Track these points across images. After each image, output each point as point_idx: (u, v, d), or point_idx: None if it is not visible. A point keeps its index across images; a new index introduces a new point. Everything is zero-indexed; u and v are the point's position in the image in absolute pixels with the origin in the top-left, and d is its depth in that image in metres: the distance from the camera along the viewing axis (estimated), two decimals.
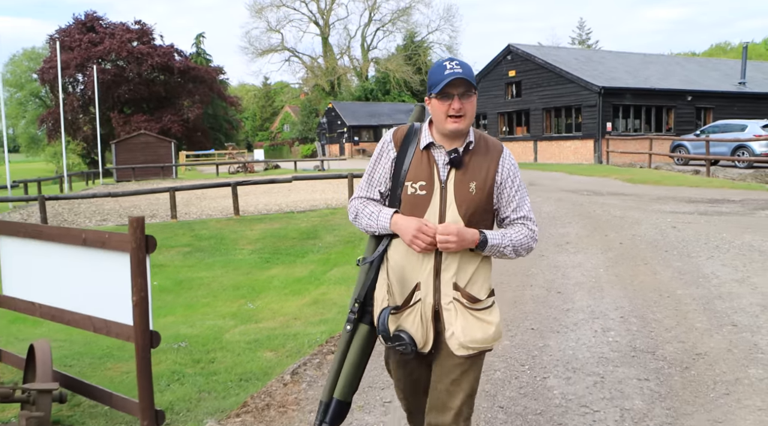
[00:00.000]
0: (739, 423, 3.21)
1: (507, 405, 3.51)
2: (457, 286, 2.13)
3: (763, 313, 4.90)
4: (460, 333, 2.12)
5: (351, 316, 2.24)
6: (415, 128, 2.23)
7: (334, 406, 2.26)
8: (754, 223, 9.14)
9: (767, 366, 3.89)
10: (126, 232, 3.38)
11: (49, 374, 3.56)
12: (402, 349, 2.13)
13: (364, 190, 2.27)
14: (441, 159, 2.15)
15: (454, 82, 2.06)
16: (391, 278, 2.19)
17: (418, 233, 2.04)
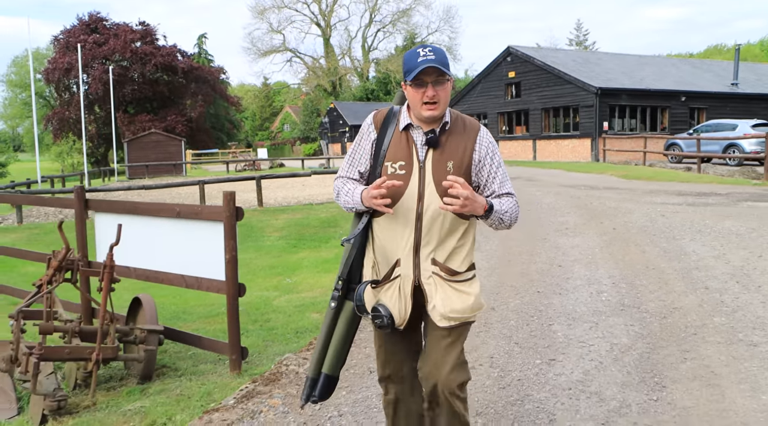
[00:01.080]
0: (702, 352, 4.12)
1: (521, 342, 4.42)
2: (436, 261, 2.21)
3: (731, 279, 5.82)
4: (440, 304, 2.20)
5: (335, 294, 2.34)
6: (394, 111, 2.32)
7: (322, 380, 2.38)
8: (735, 212, 10.07)
9: (729, 315, 4.81)
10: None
11: (155, 319, 4.46)
12: (379, 322, 2.22)
13: (345, 171, 2.39)
14: (419, 139, 2.24)
15: (427, 69, 2.12)
16: (377, 256, 2.29)
17: (372, 198, 2.14)
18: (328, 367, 2.36)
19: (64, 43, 52.83)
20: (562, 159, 28.16)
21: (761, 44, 78.80)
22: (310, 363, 2.46)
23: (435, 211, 2.17)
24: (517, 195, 2.36)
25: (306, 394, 2.41)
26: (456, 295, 2.21)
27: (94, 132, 53.31)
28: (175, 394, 4.07)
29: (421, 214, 2.18)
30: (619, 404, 3.43)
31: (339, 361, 2.37)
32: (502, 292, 5.77)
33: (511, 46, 30.96)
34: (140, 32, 52.64)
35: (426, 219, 2.18)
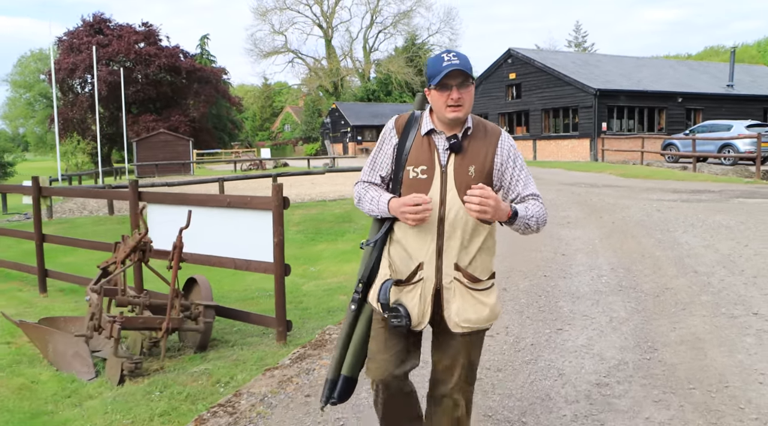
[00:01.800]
0: (689, 323, 4.74)
1: (532, 316, 5.05)
2: (458, 266, 2.21)
3: (718, 265, 6.44)
4: (454, 313, 2.22)
5: (355, 296, 2.38)
6: (416, 116, 2.32)
7: (341, 382, 2.40)
8: (726, 207, 10.71)
9: (714, 294, 5.44)
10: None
11: (210, 296, 5.07)
12: (397, 322, 2.21)
13: (367, 175, 2.39)
14: (441, 144, 2.24)
15: (452, 73, 2.15)
16: (393, 257, 2.29)
17: (405, 207, 2.15)
18: (348, 368, 2.39)
19: (68, 45, 53.34)
20: (561, 158, 28.79)
21: (758, 45, 79.47)
22: (329, 365, 2.48)
23: (457, 216, 2.19)
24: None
25: (325, 395, 2.44)
26: (473, 304, 2.23)
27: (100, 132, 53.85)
28: (231, 359, 4.70)
29: (443, 219, 2.19)
30: (617, 362, 4.05)
31: (358, 363, 2.40)
32: (512, 276, 6.39)
33: (511, 49, 31.61)
34: (143, 33, 53.17)
35: (448, 223, 2.19)
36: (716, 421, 3.25)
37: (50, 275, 7.18)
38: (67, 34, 54.98)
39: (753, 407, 3.38)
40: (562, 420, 3.31)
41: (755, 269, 6.19)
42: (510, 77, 31.69)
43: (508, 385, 3.78)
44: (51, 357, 4.90)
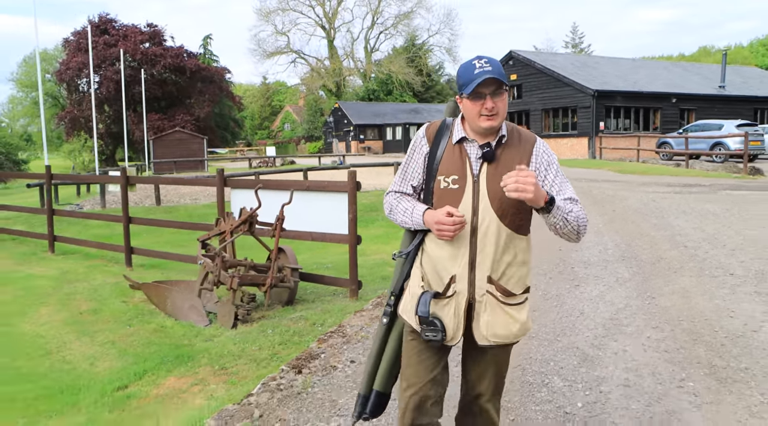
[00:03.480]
0: (679, 281, 5.99)
1: (554, 277, 6.29)
2: (492, 279, 2.14)
3: (704, 242, 7.71)
4: (484, 326, 2.16)
5: (387, 310, 2.32)
6: (447, 123, 2.25)
7: (374, 397, 2.37)
8: (714, 198, 12.00)
9: (700, 262, 6.70)
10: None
11: (296, 261, 6.28)
12: (433, 336, 2.14)
13: (398, 185, 2.31)
14: (473, 153, 2.16)
15: (486, 81, 2.06)
16: (425, 268, 2.22)
17: (438, 224, 2.09)
18: (380, 384, 2.36)
19: (75, 45, 54.25)
20: (561, 156, 30.07)
21: (750, 46, 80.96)
22: (361, 380, 2.45)
23: (490, 227, 2.12)
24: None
25: (357, 411, 2.41)
26: (503, 320, 2.16)
27: (104, 130, 54.75)
28: (317, 310, 5.92)
29: (476, 229, 2.12)
30: (624, 306, 5.30)
31: (391, 378, 2.36)
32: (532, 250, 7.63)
33: (513, 51, 32.89)
34: (149, 33, 54.17)
35: (480, 234, 2.12)
36: (696, 338, 4.50)
37: (135, 252, 8.38)
38: (74, 34, 55.84)
39: (723, 330, 4.63)
40: (585, 337, 4.56)
41: (734, 244, 7.46)
42: (511, 78, 32.95)
43: (542, 319, 5.03)
44: (169, 310, 6.11)
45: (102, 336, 5.57)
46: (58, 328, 5.86)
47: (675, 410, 3.45)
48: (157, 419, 3.82)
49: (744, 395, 3.60)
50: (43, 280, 7.81)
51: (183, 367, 4.71)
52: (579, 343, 4.50)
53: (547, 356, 4.28)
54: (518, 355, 4.28)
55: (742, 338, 4.47)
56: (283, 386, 3.84)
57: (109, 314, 6.25)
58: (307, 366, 4.15)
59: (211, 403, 3.92)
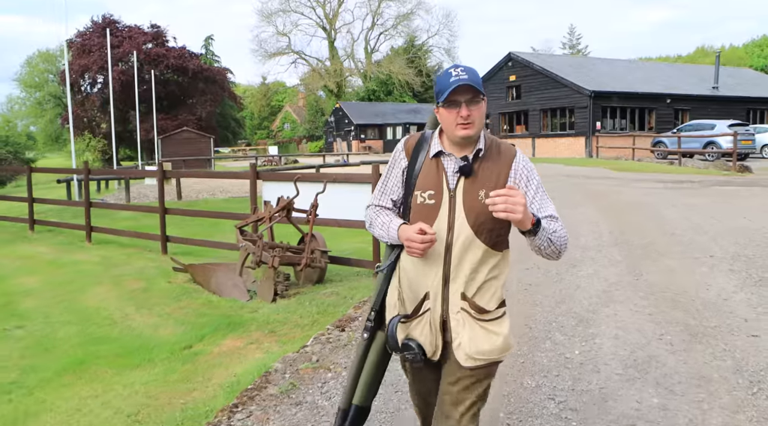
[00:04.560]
0: (666, 261, 6.78)
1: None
2: (465, 296, 2.11)
3: (690, 229, 8.50)
4: (467, 344, 2.11)
5: (368, 325, 2.29)
6: (426, 136, 2.23)
7: (353, 412, 2.35)
8: (702, 192, 12.81)
9: (685, 246, 7.49)
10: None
11: (325, 245, 7.06)
12: (411, 357, 2.14)
13: (377, 199, 2.29)
14: (450, 167, 2.13)
15: (460, 88, 2.04)
16: (402, 285, 2.20)
17: (408, 242, 2.07)
18: (359, 398, 2.35)
19: (79, 46, 54.88)
20: (558, 155, 30.90)
21: (745, 48, 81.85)
22: (341, 394, 2.44)
23: (465, 243, 2.09)
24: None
25: (338, 425, 2.41)
26: (484, 335, 2.12)
27: (108, 130, 55.37)
28: (346, 287, 6.71)
29: (450, 246, 2.09)
30: (616, 281, 6.09)
31: (370, 392, 2.36)
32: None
33: (512, 52, 33.71)
34: (152, 34, 54.84)
35: (456, 250, 2.09)
36: (676, 304, 5.29)
37: (170, 240, 9.14)
38: (77, 35, 56.44)
39: (699, 299, 5.42)
40: (581, 305, 5.35)
41: (716, 232, 8.26)
42: (510, 79, 33.80)
43: (544, 292, 5.82)
44: (213, 287, 6.88)
45: (158, 309, 6.34)
46: (116, 303, 6.64)
47: (654, 355, 4.24)
48: (226, 367, 4.60)
49: (710, 345, 4.39)
50: (90, 265, 8.58)
51: (236, 331, 5.48)
52: (576, 308, 5.29)
53: (550, 319, 5.07)
54: (525, 317, 5.08)
55: (715, 305, 5.26)
56: (331, 340, 4.62)
57: (159, 292, 7.03)
58: (348, 325, 4.93)
59: (268, 356, 4.70)
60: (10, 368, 4.92)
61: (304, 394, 3.80)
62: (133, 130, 51.69)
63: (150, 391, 4.27)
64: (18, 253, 9.71)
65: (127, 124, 50.43)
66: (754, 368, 3.98)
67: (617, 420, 3.37)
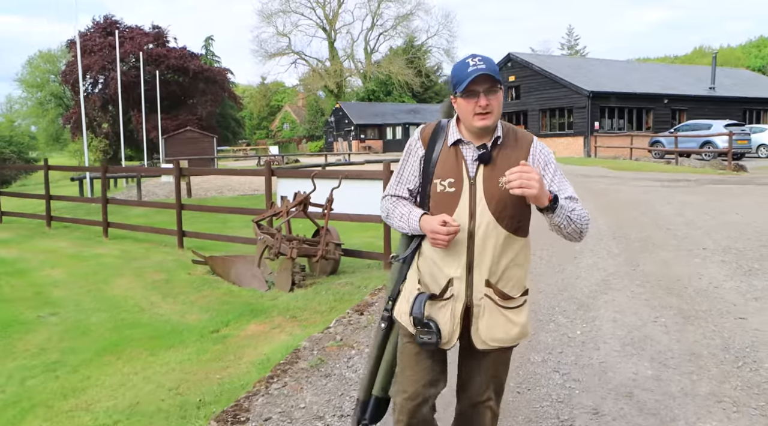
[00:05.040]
0: (660, 253, 7.17)
1: (556, 252, 7.47)
2: (489, 282, 2.13)
3: (684, 225, 8.89)
4: (484, 329, 2.15)
5: (385, 314, 2.31)
6: (442, 125, 2.24)
7: (373, 403, 2.38)
8: (697, 190, 13.21)
9: (679, 240, 7.88)
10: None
11: (339, 238, 7.43)
12: (428, 338, 2.12)
13: (394, 189, 2.29)
14: (469, 155, 2.14)
15: (478, 78, 2.04)
16: (422, 271, 2.20)
17: (432, 233, 2.09)
18: (379, 388, 2.36)
19: (81, 46, 55.15)
20: (558, 155, 31.24)
21: (742, 48, 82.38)
22: (359, 385, 2.44)
23: (487, 230, 2.11)
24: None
25: (357, 417, 2.41)
26: (502, 323, 2.17)
27: (109, 130, 55.74)
28: (359, 277, 7.08)
29: (473, 233, 2.12)
30: (614, 271, 6.48)
31: (390, 383, 2.35)
32: (538, 231, 8.79)
33: (511, 53, 34.12)
34: (153, 35, 55.20)
35: (478, 237, 2.11)
36: (670, 291, 5.68)
37: (186, 235, 9.51)
38: (79, 36, 56.59)
39: (692, 287, 5.81)
40: (582, 292, 5.74)
41: (709, 227, 8.65)
42: (510, 79, 34.20)
43: (547, 280, 6.21)
44: (233, 278, 7.25)
45: (182, 297, 6.72)
46: (141, 292, 7.01)
47: (649, 335, 4.63)
48: (254, 348, 4.98)
49: (701, 326, 4.78)
50: (110, 259, 8.95)
51: (259, 317, 5.86)
52: (577, 295, 5.68)
53: (553, 304, 5.46)
54: (530, 303, 5.45)
55: (706, 292, 5.65)
56: (352, 322, 5.00)
57: (180, 282, 7.40)
58: (366, 310, 5.31)
59: (293, 338, 5.08)
60: (51, 350, 5.29)
61: (332, 367, 4.18)
62: (133, 130, 52.10)
63: (186, 368, 4.65)
64: (39, 247, 10.09)
65: (128, 124, 50.77)
66: (740, 346, 4.37)
67: (616, 388, 3.76)
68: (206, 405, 3.90)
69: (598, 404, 3.56)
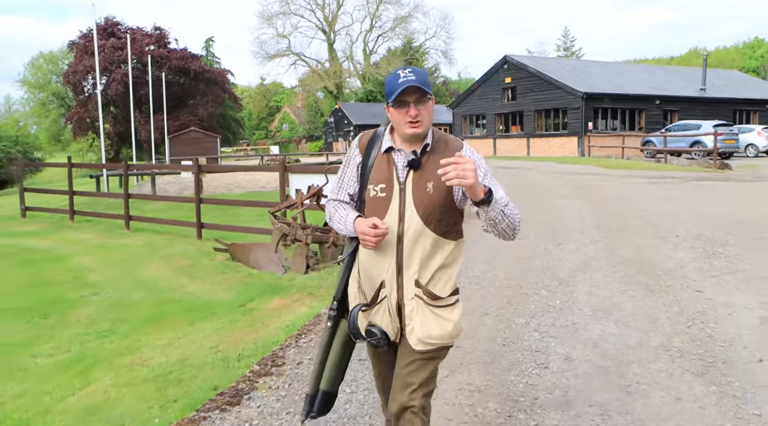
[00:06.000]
0: (637, 240, 7.97)
1: (542, 238, 8.27)
2: (419, 283, 2.23)
3: (663, 215, 9.71)
4: (419, 328, 2.23)
5: (331, 313, 2.42)
6: (378, 133, 2.35)
7: (320, 396, 2.47)
8: (680, 186, 14.04)
9: (656, 227, 8.69)
10: None
11: None
12: (375, 341, 2.27)
13: (335, 193, 2.42)
14: (400, 161, 2.25)
15: (408, 90, 2.14)
16: (361, 275, 2.33)
17: (362, 236, 2.20)
18: (326, 383, 2.45)
19: (82, 47, 55.83)
20: (552, 154, 32.14)
21: (736, 49, 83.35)
22: (309, 380, 2.54)
23: (416, 233, 2.20)
24: (520, 179, 3.39)
25: (305, 410, 2.50)
26: (435, 321, 2.25)
27: (111, 130, 56.37)
28: None
29: (402, 236, 2.21)
30: (594, 255, 7.29)
31: (336, 378, 2.46)
32: (527, 222, 9.59)
33: (507, 55, 34.96)
34: (155, 36, 55.91)
35: (407, 240, 2.21)
36: (641, 271, 6.49)
37: (205, 226, 10.30)
38: (80, 37, 57.34)
39: (660, 267, 6.62)
40: (564, 271, 6.55)
41: (685, 218, 9.47)
42: (506, 81, 35.06)
43: (533, 263, 7.02)
44: (252, 263, 8.05)
45: (209, 279, 7.51)
46: (170, 275, 7.80)
47: (617, 303, 5.44)
48: (279, 317, 5.77)
49: (663, 297, 5.59)
50: (136, 248, 9.74)
51: (280, 294, 6.66)
52: (559, 274, 6.49)
53: (537, 281, 6.26)
54: (518, 280, 6.26)
55: (672, 272, 6.46)
56: None
57: (204, 267, 8.19)
58: None
59: (312, 309, 5.88)
60: (100, 321, 6.08)
61: None
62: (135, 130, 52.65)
63: (222, 334, 5.44)
64: (67, 238, 10.88)
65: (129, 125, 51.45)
66: (693, 311, 5.18)
67: (584, 342, 4.56)
68: (245, 357, 4.69)
69: (569, 352, 4.37)
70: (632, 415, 3.44)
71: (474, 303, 5.59)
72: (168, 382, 4.38)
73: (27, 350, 5.37)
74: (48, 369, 4.91)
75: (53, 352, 5.31)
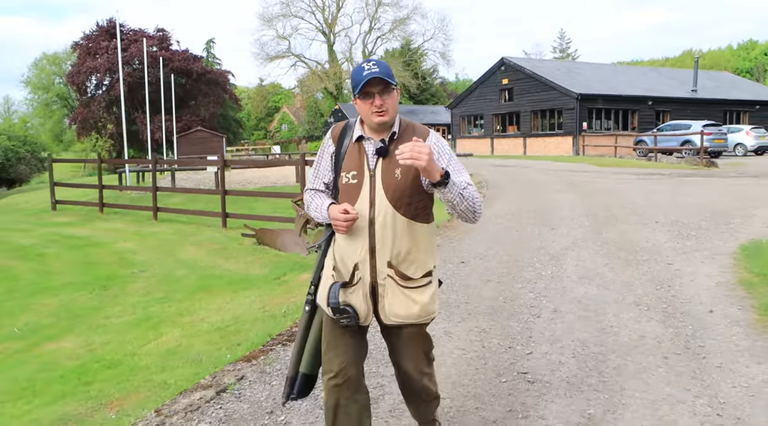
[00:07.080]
0: (621, 226, 8.96)
1: (537, 224, 9.26)
2: (391, 264, 2.36)
3: (648, 206, 10.71)
4: (387, 307, 2.40)
5: (309, 298, 2.55)
6: (350, 124, 2.48)
7: (300, 379, 2.58)
8: (667, 182, 15.05)
9: (640, 215, 9.68)
10: None
11: None
12: (347, 321, 2.35)
13: (311, 183, 2.55)
14: (370, 150, 2.37)
15: (372, 81, 2.26)
16: (336, 258, 2.44)
17: (334, 221, 2.32)
18: (305, 366, 2.56)
19: (86, 48, 56.69)
20: (548, 153, 33.18)
21: (730, 50, 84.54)
22: (289, 363, 2.65)
23: (386, 217, 2.32)
24: (517, 176, 4.30)
25: (286, 392, 2.61)
26: (403, 301, 2.38)
27: (113, 131, 57.26)
28: None
29: (373, 220, 2.33)
30: (582, 237, 8.27)
31: (316, 361, 2.55)
32: (523, 212, 10.60)
33: (504, 58, 36.00)
34: (158, 38, 56.83)
35: (378, 224, 2.33)
36: (621, 249, 7.48)
37: (230, 216, 11.27)
38: (83, 38, 58.16)
39: (638, 246, 7.62)
40: (555, 249, 7.54)
41: (666, 207, 10.47)
42: (503, 82, 36.11)
43: (529, 243, 8.01)
44: (279, 245, 9.01)
45: (242, 259, 8.48)
46: (207, 257, 8.77)
47: (599, 273, 6.43)
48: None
49: (638, 268, 6.58)
50: (168, 235, 10.70)
51: (308, 271, 7.62)
52: (551, 251, 7.48)
53: (532, 257, 7.25)
54: (515, 256, 7.25)
55: (649, 249, 7.45)
56: None
57: (235, 250, 9.16)
58: None
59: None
60: (155, 291, 7.05)
61: None
62: (137, 131, 53.63)
63: (264, 299, 6.40)
64: (102, 227, 11.83)
65: (131, 125, 52.28)
66: (663, 278, 6.16)
67: (570, 299, 5.55)
68: (290, 314, 5.67)
69: (557, 306, 5.36)
70: (606, 346, 4.42)
71: (479, 272, 6.58)
72: (228, 333, 5.34)
73: (99, 313, 6.34)
74: (122, 326, 5.87)
75: (121, 314, 6.27)
